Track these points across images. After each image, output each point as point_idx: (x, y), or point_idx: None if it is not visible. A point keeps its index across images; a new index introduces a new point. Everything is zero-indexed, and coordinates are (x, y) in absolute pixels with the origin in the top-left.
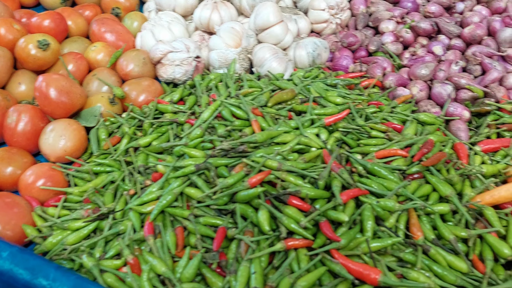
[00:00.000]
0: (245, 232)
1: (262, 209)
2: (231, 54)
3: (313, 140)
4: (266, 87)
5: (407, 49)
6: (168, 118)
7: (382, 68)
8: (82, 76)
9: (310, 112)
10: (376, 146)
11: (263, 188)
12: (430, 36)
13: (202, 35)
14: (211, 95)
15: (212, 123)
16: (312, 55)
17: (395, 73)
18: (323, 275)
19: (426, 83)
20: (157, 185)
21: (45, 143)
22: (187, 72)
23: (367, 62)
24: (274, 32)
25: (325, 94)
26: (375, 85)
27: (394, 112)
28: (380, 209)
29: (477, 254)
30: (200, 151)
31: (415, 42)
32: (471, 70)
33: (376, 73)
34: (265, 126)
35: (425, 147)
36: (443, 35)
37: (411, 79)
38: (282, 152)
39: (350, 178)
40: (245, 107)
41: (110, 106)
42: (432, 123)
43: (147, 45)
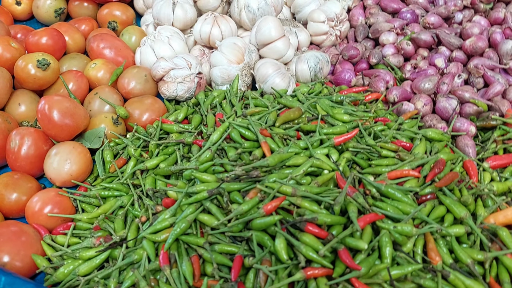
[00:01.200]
0: (263, 261)
1: (279, 237)
2: (234, 70)
3: (325, 162)
4: (272, 105)
5: (408, 61)
6: (174, 138)
7: (385, 81)
8: (83, 95)
9: (319, 132)
10: (388, 167)
11: (279, 216)
12: (430, 48)
13: (202, 49)
14: (217, 115)
15: (221, 145)
16: (314, 69)
17: (398, 86)
18: None
19: (430, 97)
20: (169, 212)
21: (50, 167)
22: (189, 89)
23: (369, 75)
24: (276, 47)
25: (331, 111)
26: (377, 99)
27: (401, 129)
28: (397, 234)
29: (494, 276)
30: (212, 176)
31: (416, 54)
32: (474, 83)
33: (379, 87)
34: (274, 148)
35: (437, 167)
36: (443, 47)
37: (415, 93)
38: (295, 176)
39: (366, 202)
40: (253, 129)
41: (114, 127)
42: (440, 139)
43: (147, 61)
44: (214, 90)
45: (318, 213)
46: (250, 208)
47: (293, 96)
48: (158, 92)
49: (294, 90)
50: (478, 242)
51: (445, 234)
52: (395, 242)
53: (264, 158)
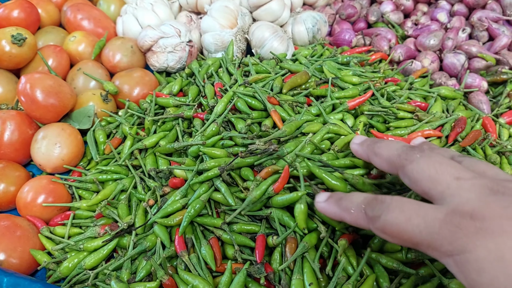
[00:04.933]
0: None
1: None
2: (227, 35)
3: (342, 128)
4: (274, 71)
5: (408, 17)
6: (172, 113)
7: (387, 40)
8: (64, 71)
9: (331, 97)
10: (407, 128)
11: (303, 192)
12: (429, 3)
13: (189, 16)
14: (215, 84)
15: (227, 116)
16: (312, 30)
17: (402, 44)
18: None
19: (436, 53)
20: (180, 193)
21: (38, 153)
22: (181, 59)
23: (369, 35)
24: (271, 8)
25: (339, 74)
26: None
27: (413, 88)
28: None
29: None
30: (222, 150)
31: (415, 9)
32: (478, 37)
33: (383, 46)
34: (285, 116)
35: (458, 126)
36: (443, 1)
37: (419, 50)
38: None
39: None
40: (260, 97)
41: (104, 104)
42: (454, 97)
43: (130, 31)
44: (208, 59)
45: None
46: (263, 193)
47: (294, 60)
48: (147, 64)
49: (293, 54)
50: None
51: None
52: None
53: (279, 129)
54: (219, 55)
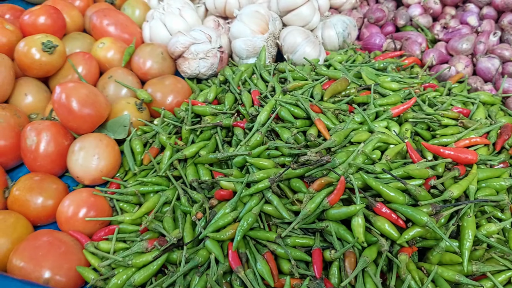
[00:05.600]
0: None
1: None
2: (259, 41)
3: (391, 136)
4: (310, 77)
5: (436, 21)
6: (209, 122)
7: (419, 44)
8: (94, 79)
9: (374, 104)
10: (453, 136)
11: (361, 205)
12: (456, 5)
13: (217, 20)
14: (252, 92)
15: (270, 125)
16: (342, 35)
17: (434, 49)
18: None
19: (469, 57)
20: (229, 206)
21: (75, 165)
22: (212, 66)
23: (398, 38)
24: (302, 13)
25: (378, 80)
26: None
27: (452, 94)
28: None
29: None
30: (269, 161)
31: (443, 13)
32: (509, 40)
33: (414, 50)
34: (329, 125)
35: (505, 133)
36: (471, 4)
37: (451, 55)
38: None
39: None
40: (303, 105)
41: (138, 113)
42: (492, 102)
43: (158, 37)
44: (240, 65)
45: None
46: (317, 206)
47: (328, 66)
48: (177, 70)
49: (326, 59)
50: None
51: None
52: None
53: (325, 138)
54: (250, 61)
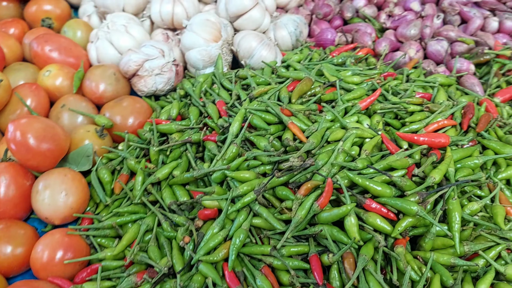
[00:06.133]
0: (344, 254)
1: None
2: (214, 50)
3: (365, 130)
4: (273, 80)
5: (381, 10)
6: (177, 139)
7: (369, 34)
8: (45, 111)
9: (342, 100)
10: (421, 122)
11: (352, 205)
12: None
13: (165, 33)
14: (217, 103)
15: (244, 135)
16: (294, 34)
17: (384, 37)
18: (443, 275)
19: (418, 42)
20: (217, 225)
21: (42, 205)
22: (169, 80)
23: (349, 31)
24: (252, 16)
25: (340, 75)
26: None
27: (410, 80)
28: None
29: None
30: (250, 172)
31: (386, 1)
32: (451, 21)
33: (366, 41)
34: (302, 127)
35: (469, 112)
36: None
37: (400, 41)
38: (345, 149)
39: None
40: (274, 110)
41: (100, 140)
42: (449, 83)
43: (107, 57)
44: (198, 76)
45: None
46: (308, 211)
47: (287, 67)
48: (132, 90)
49: (283, 60)
50: None
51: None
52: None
53: (301, 141)
54: (208, 71)
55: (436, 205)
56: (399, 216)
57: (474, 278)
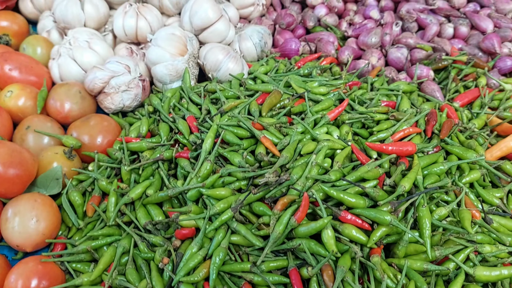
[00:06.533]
0: (323, 267)
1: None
2: (181, 64)
3: (336, 142)
4: (242, 93)
5: (342, 18)
6: (149, 157)
7: (332, 43)
8: (8, 133)
9: (311, 112)
10: (388, 130)
11: (329, 218)
12: (356, 1)
13: (129, 47)
14: (187, 118)
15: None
16: (259, 45)
17: (347, 46)
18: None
19: (379, 50)
20: (196, 244)
21: (12, 232)
22: (137, 96)
23: (312, 40)
24: (217, 29)
25: (307, 86)
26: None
27: (375, 89)
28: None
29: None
30: (226, 189)
31: (346, 10)
32: (409, 28)
33: (330, 50)
34: (274, 140)
35: (432, 119)
36: None
37: (362, 49)
38: (318, 163)
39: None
40: (246, 125)
41: (69, 162)
42: (411, 90)
43: (70, 74)
44: (166, 91)
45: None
46: (285, 227)
47: (254, 79)
48: (99, 107)
49: (249, 72)
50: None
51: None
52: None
53: (274, 155)
54: (175, 85)
55: (407, 213)
56: (374, 226)
57: (446, 282)
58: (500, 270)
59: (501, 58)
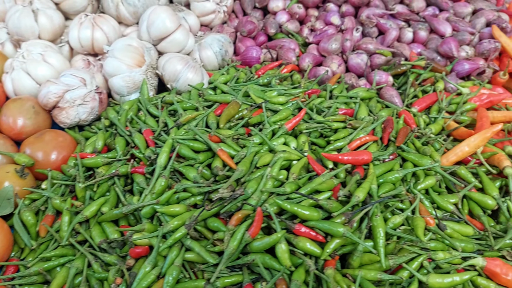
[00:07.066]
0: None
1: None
2: (138, 75)
3: (292, 153)
4: (200, 105)
5: (303, 24)
6: (105, 173)
7: (293, 50)
8: None
9: (268, 123)
10: (345, 139)
11: (283, 232)
12: (317, 6)
13: (86, 59)
14: (144, 132)
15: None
16: (220, 53)
17: (308, 53)
18: None
19: (340, 56)
20: (149, 263)
21: None
22: (93, 110)
23: (273, 47)
24: (175, 39)
25: (266, 96)
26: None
27: (334, 96)
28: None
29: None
30: (180, 205)
31: (307, 15)
32: (369, 33)
33: (290, 57)
34: (231, 153)
35: (388, 127)
36: (331, 4)
37: (323, 56)
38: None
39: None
40: (202, 138)
41: (21, 181)
42: (370, 96)
43: (24, 89)
44: (123, 103)
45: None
46: (239, 242)
47: (214, 88)
48: (54, 122)
49: (210, 81)
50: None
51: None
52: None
53: (231, 168)
54: (133, 97)
55: (362, 222)
56: (328, 238)
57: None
58: (452, 277)
59: (459, 62)
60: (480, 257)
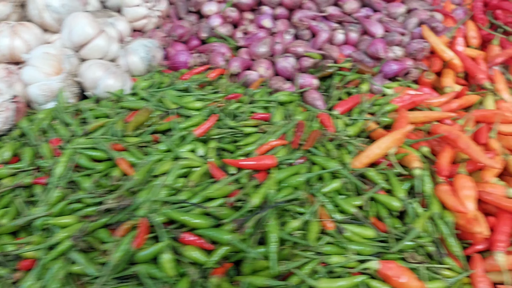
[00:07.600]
0: None
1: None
2: (55, 83)
3: (194, 159)
4: (114, 112)
5: (237, 28)
6: (8, 184)
7: (222, 54)
8: None
9: (177, 129)
10: (254, 144)
11: (167, 242)
12: (253, 9)
13: (7, 68)
14: (51, 141)
15: (72, 176)
16: (146, 59)
17: (237, 57)
18: None
19: (269, 60)
20: (34, 276)
21: None
22: (8, 119)
23: (204, 51)
24: (96, 45)
25: (181, 102)
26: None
27: (254, 101)
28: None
29: (375, 215)
30: (72, 217)
31: (242, 19)
32: (302, 36)
33: (218, 61)
34: (134, 161)
35: (299, 131)
36: (265, 6)
37: (253, 59)
38: (167, 184)
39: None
40: (103, 147)
41: None
42: (291, 100)
43: None
44: (39, 112)
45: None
46: (124, 253)
47: (134, 94)
48: None
49: (133, 87)
50: (353, 189)
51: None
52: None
53: (129, 178)
54: (52, 105)
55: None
56: (217, 246)
57: None
58: (342, 281)
59: (387, 63)
60: (375, 260)
